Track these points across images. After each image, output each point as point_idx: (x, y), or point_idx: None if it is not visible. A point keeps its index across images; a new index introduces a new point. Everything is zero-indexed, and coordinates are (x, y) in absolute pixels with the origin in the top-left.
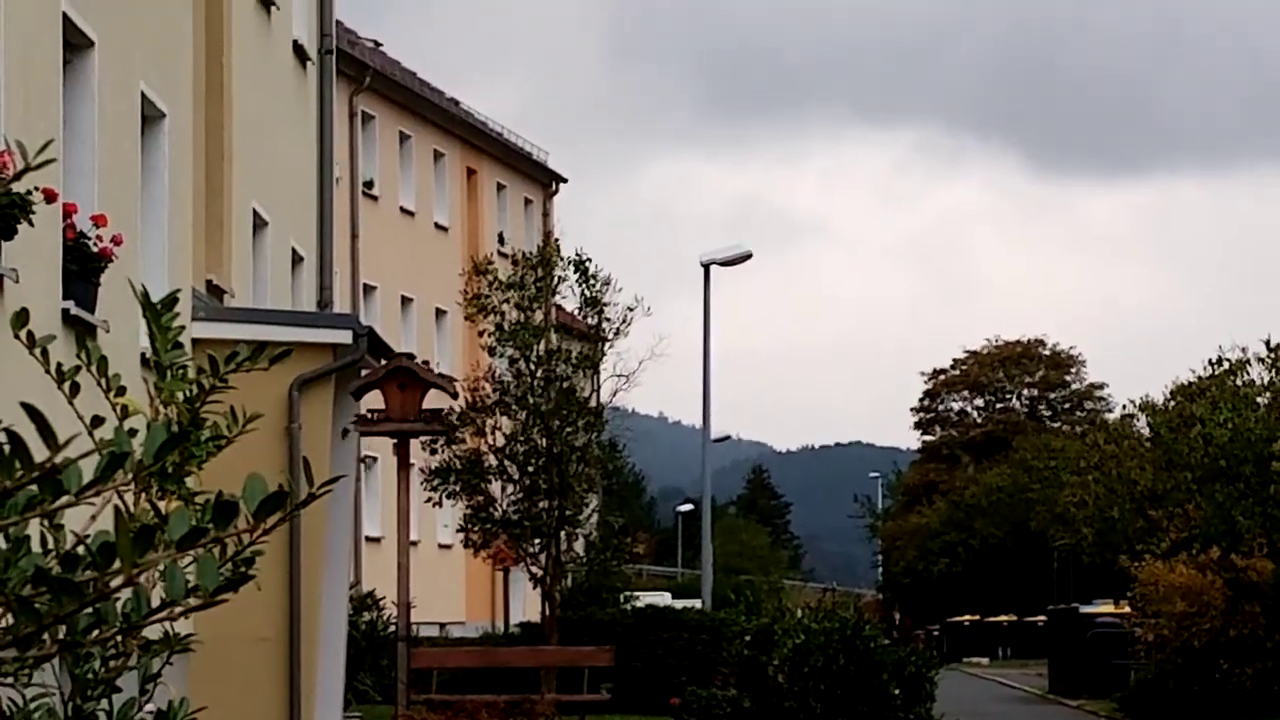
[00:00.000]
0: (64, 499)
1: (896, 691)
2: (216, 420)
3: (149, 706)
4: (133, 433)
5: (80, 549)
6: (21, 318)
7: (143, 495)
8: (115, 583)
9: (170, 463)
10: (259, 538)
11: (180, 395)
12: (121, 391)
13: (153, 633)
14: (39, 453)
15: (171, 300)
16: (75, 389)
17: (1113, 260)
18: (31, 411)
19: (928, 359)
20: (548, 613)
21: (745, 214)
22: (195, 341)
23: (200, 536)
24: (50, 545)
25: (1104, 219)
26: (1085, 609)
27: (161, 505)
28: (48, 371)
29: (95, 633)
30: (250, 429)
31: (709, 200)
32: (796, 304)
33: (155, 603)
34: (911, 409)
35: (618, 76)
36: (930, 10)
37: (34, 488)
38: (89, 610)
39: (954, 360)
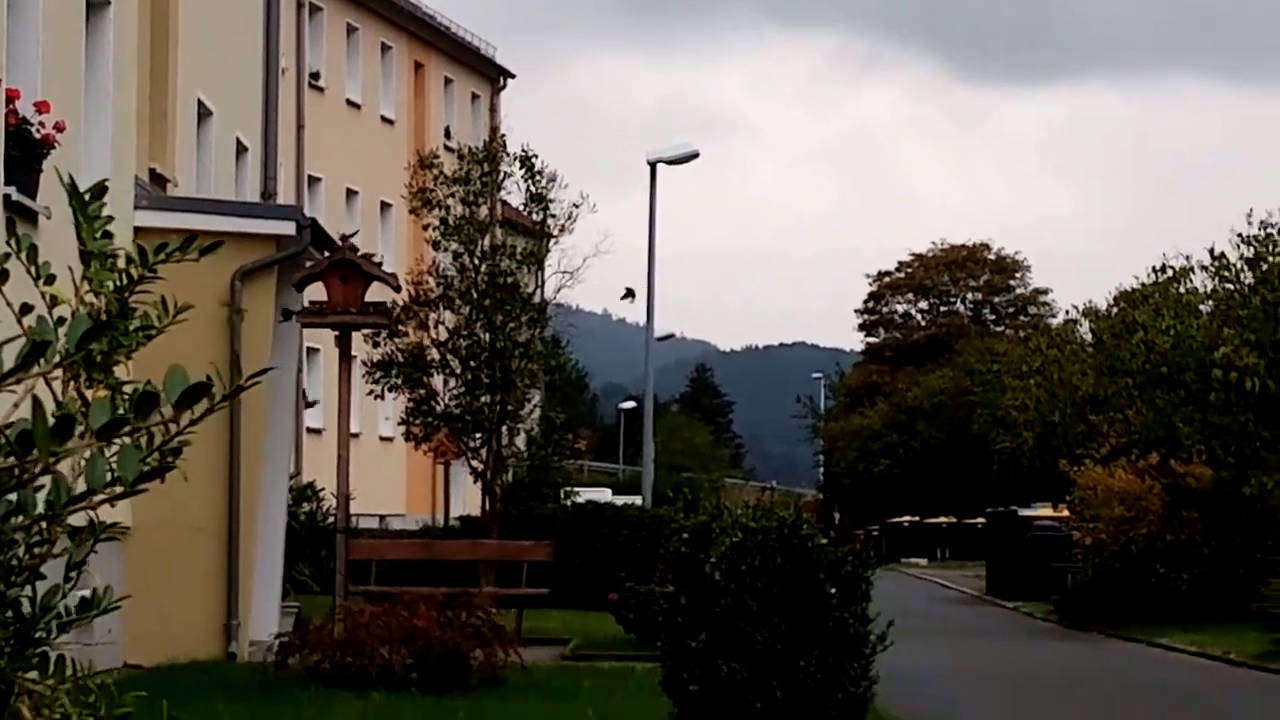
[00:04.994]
0: None
1: (833, 590)
2: (148, 310)
3: (78, 593)
4: (63, 322)
5: (0, 438)
6: None
7: (71, 384)
8: (34, 469)
9: (98, 352)
10: (187, 428)
11: (110, 285)
12: (50, 280)
13: (83, 520)
14: None
15: (100, 189)
16: (4, 276)
17: (1032, 166)
18: None
19: (866, 261)
20: (488, 507)
21: (671, 113)
22: (137, 230)
23: (121, 426)
24: None
25: (1023, 124)
26: (1024, 512)
27: (89, 395)
28: None
29: (17, 519)
30: (181, 319)
31: (633, 99)
32: (729, 205)
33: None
34: (855, 310)
35: None
36: None
37: None
38: (10, 497)
39: (899, 263)
